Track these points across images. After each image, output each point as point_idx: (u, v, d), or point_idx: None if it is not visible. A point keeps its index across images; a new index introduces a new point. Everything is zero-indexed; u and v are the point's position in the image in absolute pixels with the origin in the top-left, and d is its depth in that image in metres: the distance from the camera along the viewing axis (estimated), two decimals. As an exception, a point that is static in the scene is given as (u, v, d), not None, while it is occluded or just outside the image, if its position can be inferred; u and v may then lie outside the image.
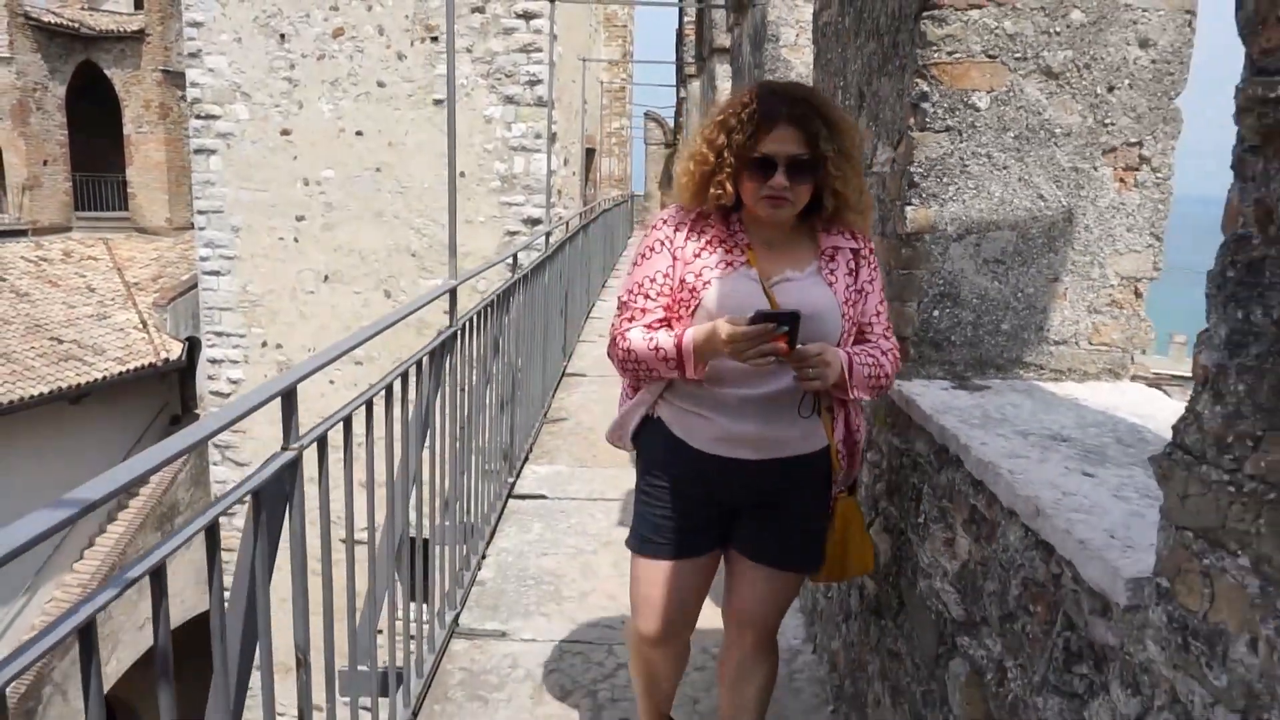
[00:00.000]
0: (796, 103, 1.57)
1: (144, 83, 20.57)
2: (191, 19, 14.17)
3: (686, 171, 1.65)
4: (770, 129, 1.54)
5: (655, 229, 1.70)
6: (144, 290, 18.49)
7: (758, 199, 1.58)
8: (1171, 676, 0.85)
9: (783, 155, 1.54)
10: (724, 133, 1.59)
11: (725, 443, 1.66)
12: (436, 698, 2.30)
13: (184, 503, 16.20)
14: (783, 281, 1.63)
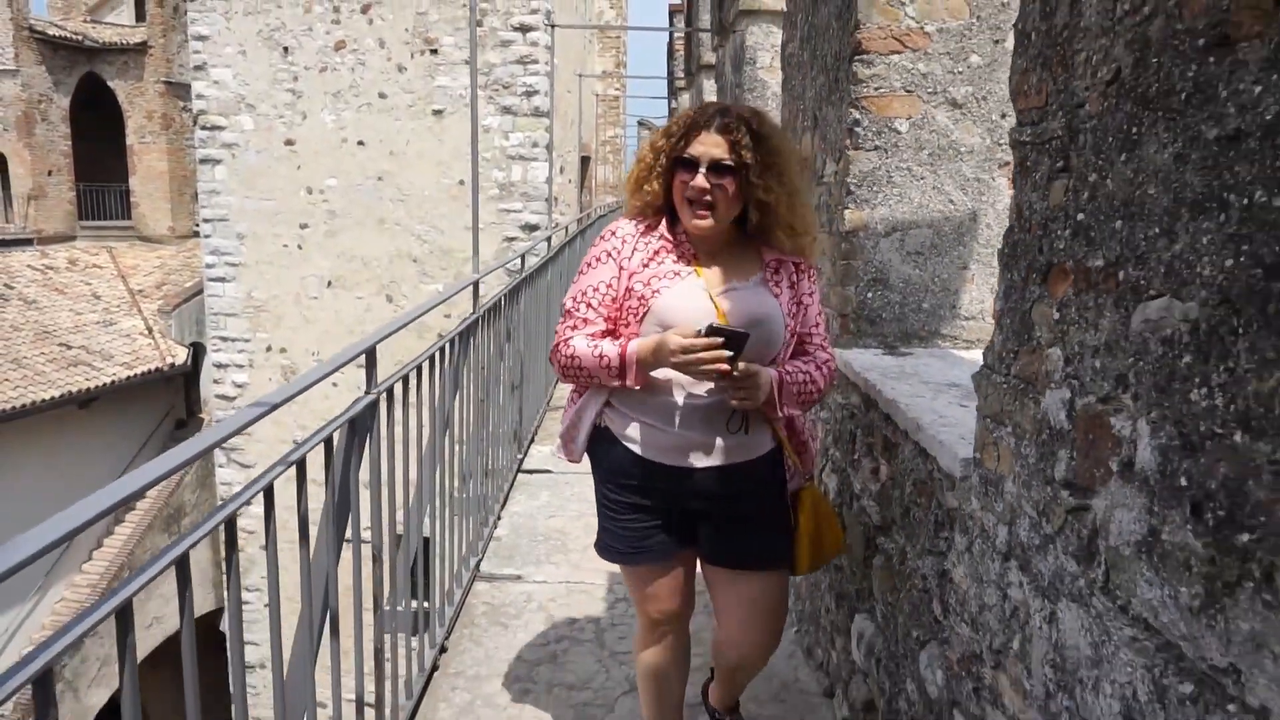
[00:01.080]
0: (729, 113, 1.67)
1: (146, 94, 20.91)
2: (197, 32, 14.59)
3: (631, 172, 1.77)
4: (698, 133, 1.64)
5: (603, 239, 1.75)
6: (148, 297, 18.86)
7: (683, 205, 1.66)
8: (981, 516, 1.30)
9: (705, 157, 1.62)
10: (665, 137, 1.70)
11: (672, 451, 1.70)
12: (465, 624, 2.74)
13: (190, 504, 16.58)
14: (729, 290, 1.69)
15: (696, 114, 1.68)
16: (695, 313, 1.63)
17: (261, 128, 14.50)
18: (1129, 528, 0.90)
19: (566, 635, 2.69)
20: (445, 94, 13.83)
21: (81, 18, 22.63)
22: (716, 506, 1.74)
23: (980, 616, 1.29)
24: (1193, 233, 0.81)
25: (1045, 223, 1.12)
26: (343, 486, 1.80)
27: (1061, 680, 1.04)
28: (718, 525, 1.76)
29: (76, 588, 14.85)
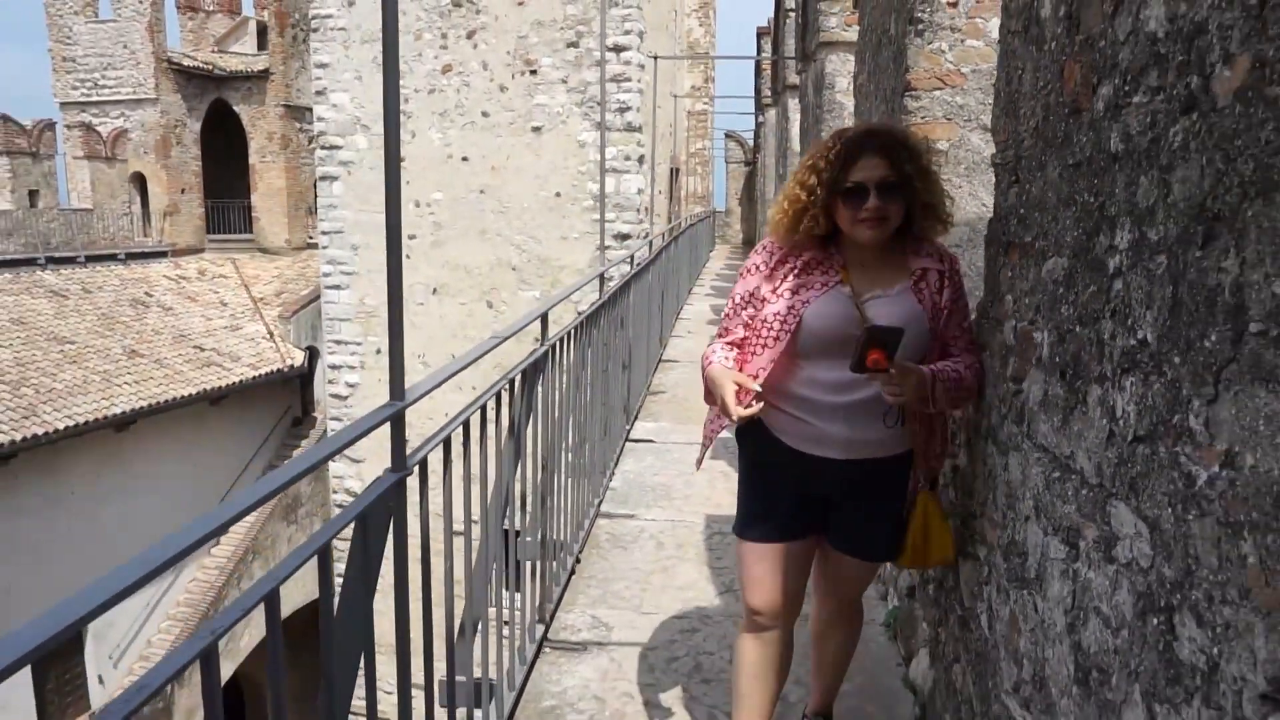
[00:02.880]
0: (876, 134, 1.80)
1: (268, 117, 22.47)
2: (318, 60, 15.88)
3: (781, 210, 1.84)
4: (857, 160, 1.74)
5: (755, 254, 1.92)
6: (268, 304, 20.39)
7: (855, 224, 1.76)
8: (973, 417, 1.91)
9: (872, 180, 1.73)
10: (814, 174, 1.79)
11: (816, 443, 1.84)
12: (591, 547, 3.44)
13: (305, 496, 17.91)
14: (873, 299, 1.79)
15: (843, 144, 1.78)
16: (842, 320, 1.78)
17: (375, 146, 15.68)
18: (1035, 394, 1.51)
19: (673, 555, 3.36)
20: (544, 111, 14.74)
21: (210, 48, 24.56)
22: (850, 494, 1.89)
23: (974, 485, 1.89)
24: (1062, 219, 1.42)
25: (1006, 216, 1.73)
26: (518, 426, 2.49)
27: (1009, 505, 1.65)
28: (848, 514, 1.92)
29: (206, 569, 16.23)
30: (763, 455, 1.93)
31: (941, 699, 2.13)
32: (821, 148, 1.83)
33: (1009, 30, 1.74)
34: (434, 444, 1.62)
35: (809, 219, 1.79)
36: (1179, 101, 1.06)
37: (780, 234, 1.85)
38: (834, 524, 1.95)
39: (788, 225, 1.83)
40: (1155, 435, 1.09)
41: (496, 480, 2.18)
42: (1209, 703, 0.95)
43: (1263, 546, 0.86)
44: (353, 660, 1.30)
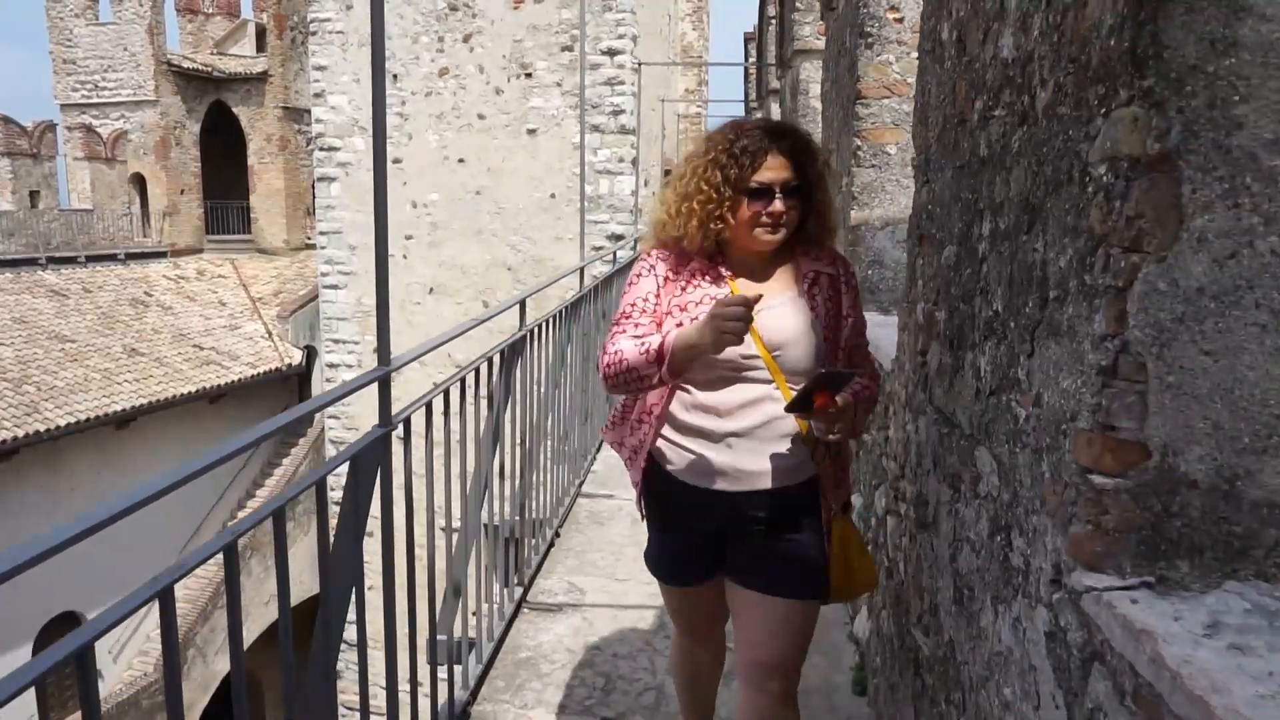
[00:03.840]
0: (783, 135, 1.69)
1: (266, 119, 22.65)
2: (317, 63, 16.12)
3: (689, 211, 1.69)
4: (764, 159, 1.65)
5: (640, 261, 1.79)
6: (266, 304, 20.61)
7: (754, 227, 1.67)
8: (898, 390, 2.15)
9: (778, 182, 1.65)
10: (718, 170, 1.67)
11: (715, 476, 1.70)
12: (571, 523, 3.69)
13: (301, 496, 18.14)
14: (766, 308, 1.65)
15: (748, 139, 1.67)
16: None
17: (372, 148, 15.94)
18: (934, 364, 1.76)
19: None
20: (539, 114, 14.99)
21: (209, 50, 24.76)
22: (756, 530, 1.72)
23: (898, 450, 2.14)
24: (953, 213, 1.67)
25: (919, 211, 1.98)
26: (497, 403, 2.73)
27: (918, 462, 1.89)
28: (754, 549, 1.74)
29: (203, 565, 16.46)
30: (659, 496, 1.79)
31: (874, 645, 2.37)
32: (720, 140, 1.70)
33: (923, 50, 1.99)
34: (416, 406, 1.86)
35: (715, 221, 1.67)
36: (1018, 115, 1.31)
37: (690, 234, 1.70)
38: (735, 560, 1.77)
39: (699, 225, 1.68)
40: (1001, 388, 1.34)
41: (477, 451, 2.42)
42: (1026, 594, 1.20)
43: (1052, 464, 1.11)
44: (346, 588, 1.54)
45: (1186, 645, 0.82)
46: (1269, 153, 0.90)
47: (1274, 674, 0.77)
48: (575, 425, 3.97)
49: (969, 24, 1.59)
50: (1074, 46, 1.09)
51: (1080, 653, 1.01)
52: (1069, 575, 1.04)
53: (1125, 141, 0.95)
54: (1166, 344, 0.94)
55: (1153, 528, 0.97)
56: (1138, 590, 0.95)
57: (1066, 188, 1.10)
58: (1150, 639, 0.84)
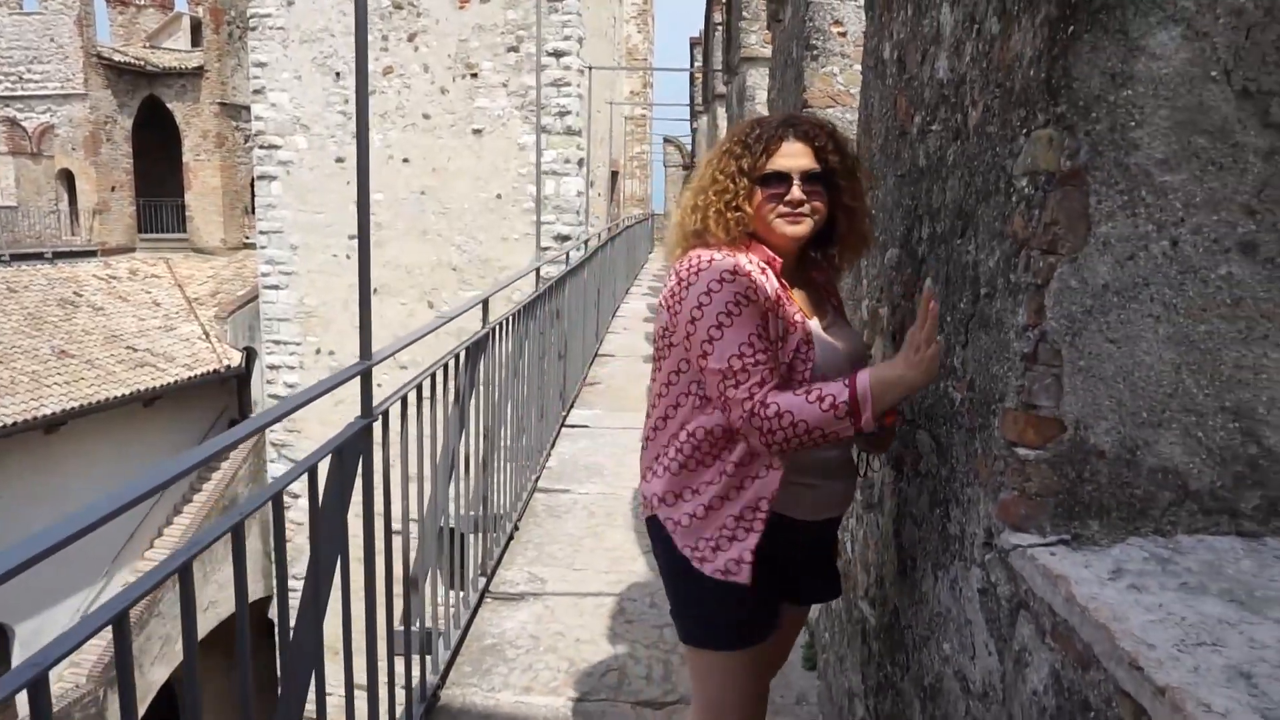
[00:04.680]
0: (798, 120, 1.58)
1: (202, 115, 22.13)
2: (256, 59, 15.86)
3: (705, 203, 1.56)
4: (779, 145, 1.53)
5: (723, 283, 1.47)
6: (203, 305, 20.13)
7: (774, 218, 1.53)
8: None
9: (795, 169, 1.52)
10: (732, 159, 1.55)
11: (826, 506, 1.61)
12: (529, 517, 3.78)
13: (243, 497, 17.77)
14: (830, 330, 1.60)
15: (762, 127, 1.57)
16: (845, 354, 1.58)
17: (314, 147, 15.73)
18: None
19: (603, 522, 3.72)
20: (484, 114, 14.98)
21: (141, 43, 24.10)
22: (824, 552, 1.70)
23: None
24: (895, 218, 1.82)
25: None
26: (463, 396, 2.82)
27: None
28: (818, 568, 1.70)
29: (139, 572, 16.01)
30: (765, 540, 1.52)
31: (823, 622, 2.53)
32: (738, 132, 1.61)
33: (866, 66, 2.14)
34: (394, 398, 1.94)
35: (732, 210, 1.53)
36: (953, 131, 1.46)
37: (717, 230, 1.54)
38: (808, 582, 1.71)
39: (714, 216, 1.54)
40: (939, 376, 1.49)
41: (444, 440, 2.51)
42: (962, 558, 1.34)
43: (983, 441, 1.26)
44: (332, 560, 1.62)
45: (1094, 586, 0.97)
46: (1160, 170, 1.06)
47: (1162, 605, 0.92)
48: (532, 421, 4.07)
49: (908, 45, 1.74)
50: (1000, 73, 1.24)
51: (1008, 603, 1.16)
52: (998, 537, 1.19)
53: (1043, 158, 1.10)
54: (1078, 333, 1.09)
55: (1068, 492, 1.12)
56: (1055, 546, 1.10)
57: (994, 197, 1.25)
58: (1065, 582, 0.98)
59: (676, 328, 1.53)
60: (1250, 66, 1.03)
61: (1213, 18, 1.02)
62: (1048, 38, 1.08)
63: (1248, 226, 1.06)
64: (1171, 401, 1.09)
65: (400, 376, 2.93)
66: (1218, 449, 1.10)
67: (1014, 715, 1.11)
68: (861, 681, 1.99)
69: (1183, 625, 0.87)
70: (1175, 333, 1.08)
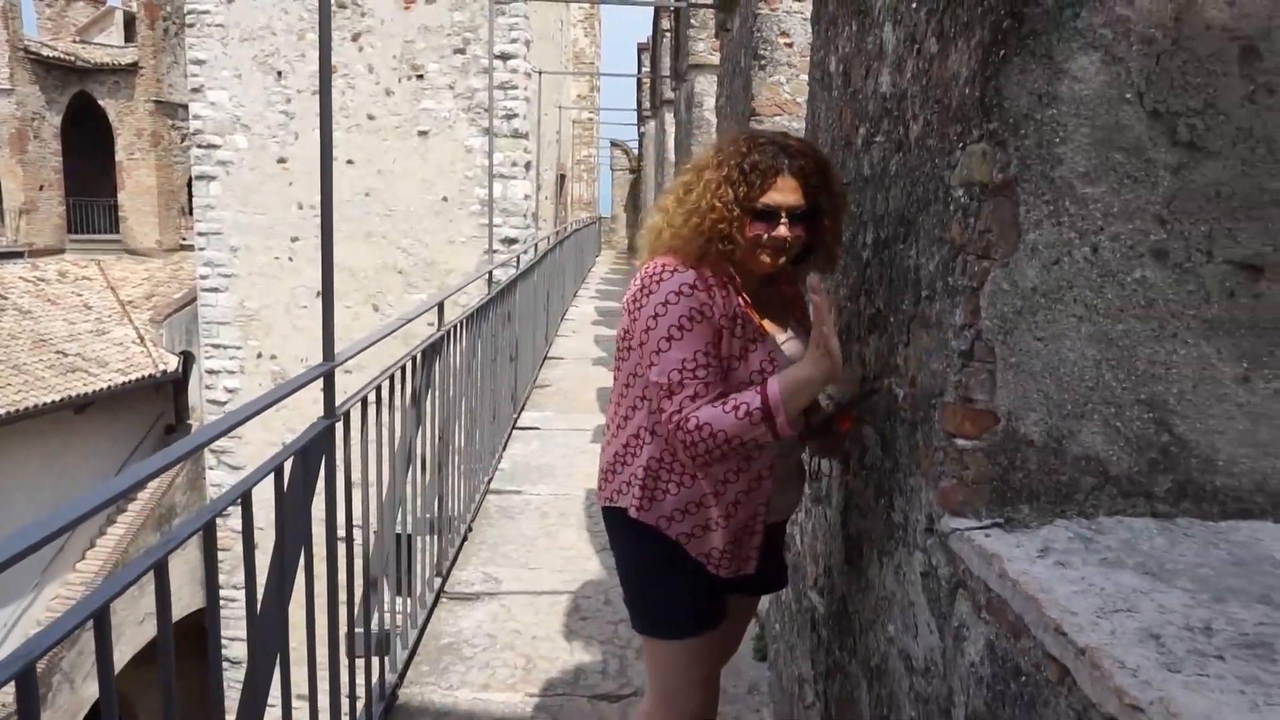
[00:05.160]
0: (796, 155, 1.57)
1: (137, 112, 21.55)
2: (194, 57, 15.50)
3: (696, 227, 1.55)
4: (774, 180, 1.53)
5: (680, 295, 1.53)
6: (138, 308, 19.57)
7: (758, 249, 1.55)
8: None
9: (785, 206, 1.53)
10: (729, 188, 1.54)
11: (780, 510, 1.72)
12: (482, 518, 3.80)
13: (181, 505, 17.30)
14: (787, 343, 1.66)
15: (760, 155, 1.55)
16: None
17: (255, 146, 15.44)
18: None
19: (556, 523, 3.76)
20: (430, 116, 14.87)
21: (71, 38, 23.35)
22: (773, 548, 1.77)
23: (792, 436, 2.37)
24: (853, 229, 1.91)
25: (811, 221, 2.22)
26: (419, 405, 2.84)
27: (813, 444, 2.13)
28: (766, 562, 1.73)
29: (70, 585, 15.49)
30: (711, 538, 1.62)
31: (773, 614, 2.61)
32: (732, 153, 1.58)
33: (813, 78, 2.23)
34: (355, 399, 1.97)
35: (725, 241, 1.54)
36: (895, 143, 1.55)
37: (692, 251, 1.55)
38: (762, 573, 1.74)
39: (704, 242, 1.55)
40: (883, 374, 1.58)
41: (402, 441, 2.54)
42: (905, 544, 1.43)
43: (925, 434, 1.35)
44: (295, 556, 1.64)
45: (1024, 564, 1.06)
46: (1081, 182, 1.15)
47: (1084, 578, 1.01)
48: (485, 423, 4.09)
49: (853, 60, 1.84)
50: (938, 90, 1.33)
51: (948, 584, 1.24)
52: (939, 522, 1.28)
53: (977, 171, 1.19)
54: (1009, 332, 1.18)
55: (1001, 479, 1.21)
56: (990, 529, 1.19)
57: (934, 206, 1.34)
58: (998, 560, 1.07)
59: (634, 332, 1.59)
60: (1160, 89, 1.13)
61: (1127, 45, 1.12)
62: (981, 59, 1.17)
63: (1159, 234, 1.16)
64: (1093, 394, 1.19)
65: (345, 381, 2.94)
66: (1134, 437, 1.20)
67: (954, 686, 1.20)
68: (811, 668, 2.07)
69: (1102, 595, 0.96)
70: (1096, 331, 1.18)
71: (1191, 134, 1.14)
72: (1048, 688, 0.94)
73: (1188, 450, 1.20)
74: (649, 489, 1.60)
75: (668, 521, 1.61)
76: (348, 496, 2.00)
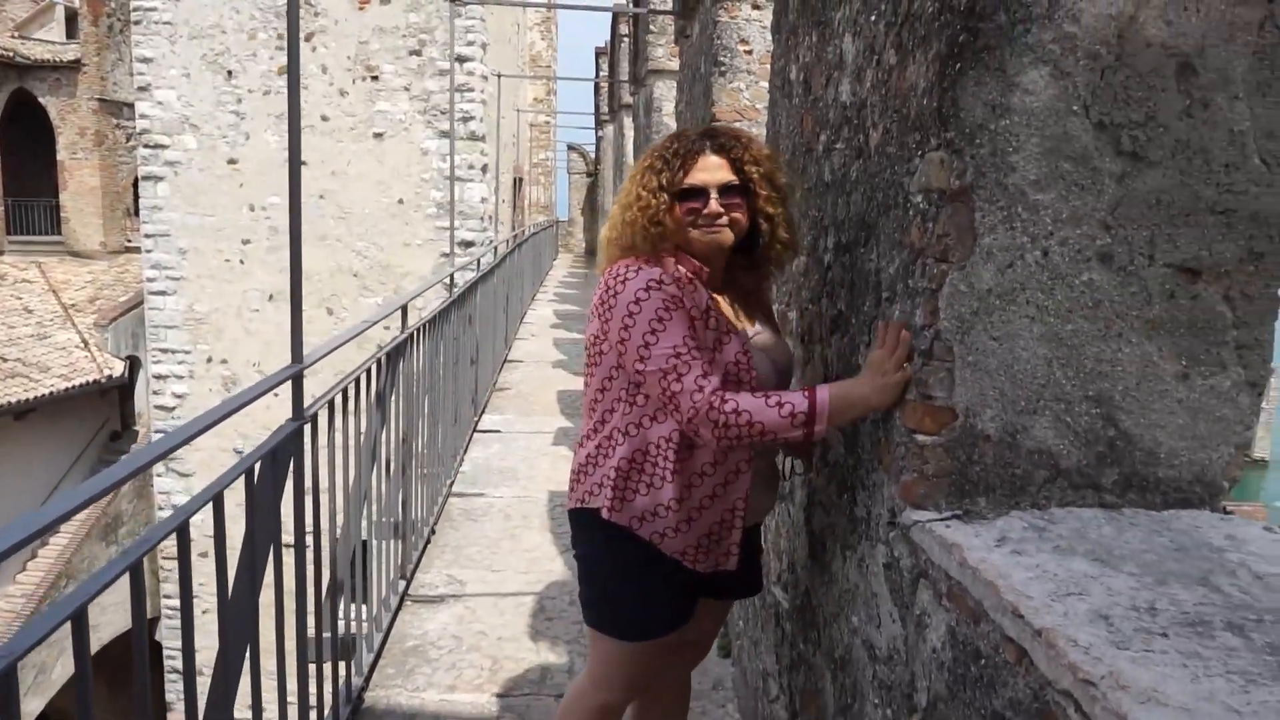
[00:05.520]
0: (718, 133, 1.62)
1: (79, 111, 20.99)
2: (141, 55, 15.16)
3: (631, 220, 1.59)
4: (696, 160, 1.57)
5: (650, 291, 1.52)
6: (81, 311, 19.05)
7: (694, 231, 1.56)
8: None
9: (712, 182, 1.55)
10: (653, 175, 1.58)
11: (757, 512, 1.72)
12: (445, 520, 3.80)
13: (127, 514, 16.86)
14: (759, 339, 1.67)
15: (681, 142, 1.61)
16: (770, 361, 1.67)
17: (205, 147, 15.14)
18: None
19: (519, 525, 3.77)
20: (386, 118, 14.72)
21: (9, 33, 22.65)
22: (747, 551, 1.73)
23: (755, 435, 2.42)
24: (801, 228, 1.96)
25: (773, 225, 2.27)
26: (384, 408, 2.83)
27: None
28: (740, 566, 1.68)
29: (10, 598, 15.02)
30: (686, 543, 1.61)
31: (736, 611, 2.66)
32: (659, 147, 1.65)
33: (773, 85, 2.29)
34: (321, 402, 1.97)
35: (660, 221, 1.56)
36: (855, 150, 1.61)
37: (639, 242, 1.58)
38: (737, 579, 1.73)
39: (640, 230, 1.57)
40: (845, 374, 1.63)
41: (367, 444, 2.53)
42: (868, 537, 1.48)
43: (886, 431, 1.40)
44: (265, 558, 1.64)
45: (983, 552, 1.11)
46: (1033, 189, 1.21)
47: (1039, 565, 1.06)
48: (447, 426, 4.08)
49: (813, 69, 1.89)
50: (897, 100, 1.38)
51: (910, 574, 1.29)
52: (900, 515, 1.33)
53: (935, 177, 1.24)
54: (966, 332, 1.24)
55: (959, 473, 1.27)
56: (950, 521, 1.24)
57: (894, 211, 1.39)
58: (959, 550, 1.12)
59: (608, 335, 1.57)
60: (1104, 102, 1.20)
61: (1074, 60, 1.18)
62: (939, 71, 1.22)
63: (1104, 239, 1.23)
64: (1045, 391, 1.25)
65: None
66: (1083, 432, 1.27)
67: (916, 672, 1.25)
68: (775, 662, 2.12)
69: (1055, 580, 1.02)
70: (1047, 331, 1.24)
71: (1134, 144, 1.20)
72: (1006, 668, 0.99)
73: (1132, 444, 1.27)
74: (619, 490, 1.59)
75: (639, 522, 1.59)
76: (315, 499, 2.00)
